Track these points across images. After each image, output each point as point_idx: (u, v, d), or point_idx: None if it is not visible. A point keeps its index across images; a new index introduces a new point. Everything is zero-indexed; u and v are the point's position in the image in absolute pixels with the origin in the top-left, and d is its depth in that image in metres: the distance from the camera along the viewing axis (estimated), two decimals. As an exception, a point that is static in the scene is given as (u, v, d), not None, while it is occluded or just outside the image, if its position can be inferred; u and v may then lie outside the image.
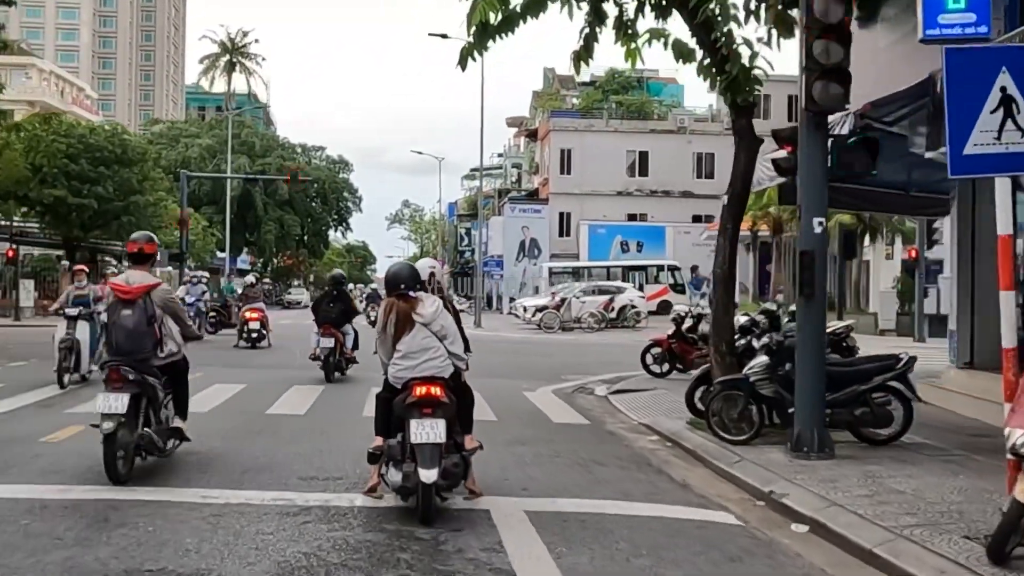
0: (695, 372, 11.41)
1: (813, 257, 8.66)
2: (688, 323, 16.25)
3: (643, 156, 58.04)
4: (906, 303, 33.07)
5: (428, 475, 6.24)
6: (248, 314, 22.86)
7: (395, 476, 6.47)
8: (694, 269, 52.65)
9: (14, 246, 37.25)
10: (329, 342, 15.26)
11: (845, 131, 8.98)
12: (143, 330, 7.59)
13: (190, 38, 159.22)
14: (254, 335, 22.54)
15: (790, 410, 9.01)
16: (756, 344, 10.25)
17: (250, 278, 27.47)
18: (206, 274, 30.78)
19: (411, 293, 6.67)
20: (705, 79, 10.54)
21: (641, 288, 44.21)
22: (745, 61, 10.05)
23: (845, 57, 8.40)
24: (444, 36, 42.39)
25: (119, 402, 7.32)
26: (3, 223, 42.06)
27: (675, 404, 12.54)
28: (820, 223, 8.68)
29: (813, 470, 8.08)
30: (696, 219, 55.75)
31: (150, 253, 8.11)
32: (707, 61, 10.14)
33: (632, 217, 57.81)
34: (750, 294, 45.71)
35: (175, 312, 7.99)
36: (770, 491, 7.49)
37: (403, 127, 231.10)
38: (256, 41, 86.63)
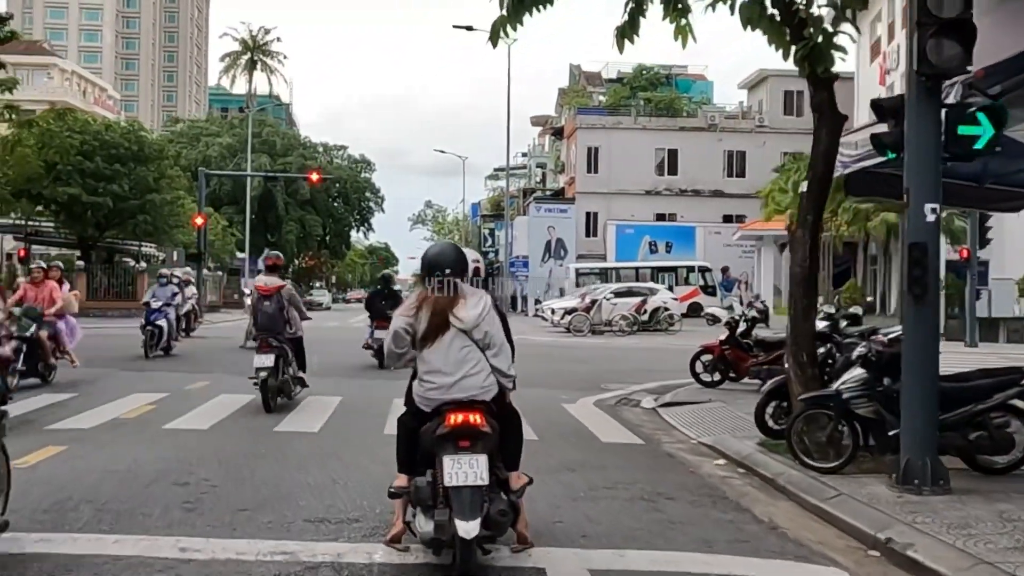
0: (765, 387, 9.92)
1: (925, 250, 7.19)
2: (742, 327, 14.74)
3: (672, 154, 56.46)
4: (953, 306, 31.42)
5: (468, 528, 4.82)
6: None
7: (425, 526, 5.04)
8: (725, 270, 51.49)
9: (25, 245, 36.13)
10: (382, 334, 14.66)
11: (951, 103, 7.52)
12: (277, 315, 11.65)
13: (213, 39, 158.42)
14: None
15: (891, 433, 7.56)
16: (839, 353, 8.84)
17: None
18: (182, 273, 27.88)
19: (457, 283, 5.17)
20: (778, 48, 9.07)
21: (670, 290, 42.69)
22: (827, 26, 8.64)
23: (967, 7, 6.93)
24: (469, 28, 41.41)
25: (268, 360, 11.15)
26: (18, 222, 41.11)
27: (737, 420, 11.10)
28: (933, 210, 7.21)
29: (932, 510, 6.60)
30: (727, 219, 54.23)
31: (279, 264, 12.45)
32: (783, 29, 8.69)
33: (661, 217, 56.22)
34: (783, 297, 44.09)
35: (296, 304, 12.02)
36: (887, 539, 6.03)
37: (424, 129, 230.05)
38: (278, 39, 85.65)
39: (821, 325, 9.26)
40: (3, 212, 40.44)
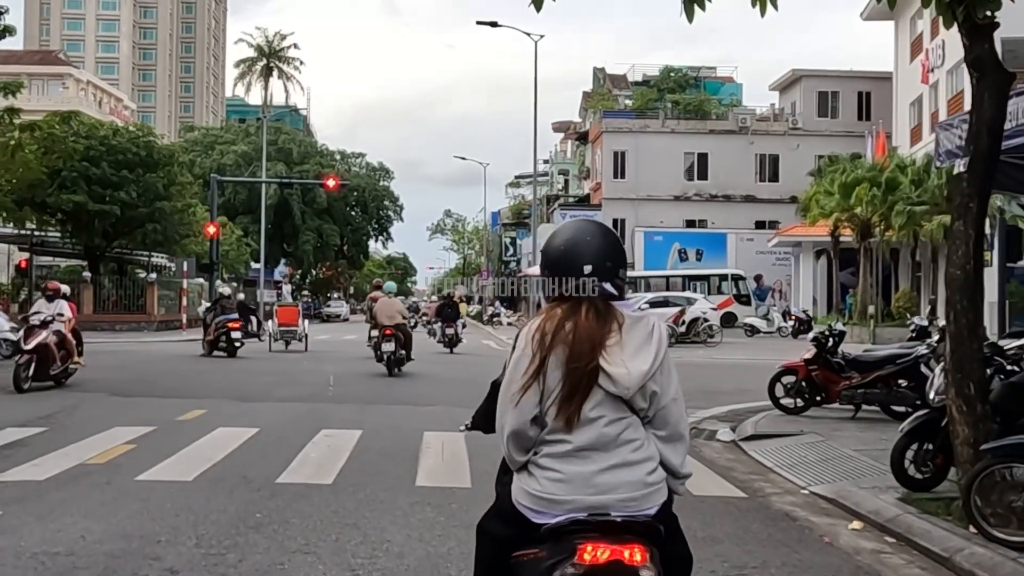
0: (905, 425, 7.74)
1: None
2: (829, 343, 12.56)
3: (702, 158, 54.29)
4: (1015, 316, 29.12)
5: None
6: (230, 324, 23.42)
7: None
8: (758, 278, 49.35)
9: (26, 256, 34.31)
10: (451, 329, 26.66)
11: None
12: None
13: (230, 49, 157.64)
14: (236, 344, 23.26)
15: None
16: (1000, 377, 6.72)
17: (225, 289, 28.84)
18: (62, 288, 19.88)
19: (610, 291, 2.81)
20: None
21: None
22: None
23: None
24: (494, 24, 39.48)
25: (393, 344, 18.46)
26: (23, 232, 39.33)
27: (848, 460, 8.99)
28: None
29: None
30: (759, 225, 52.12)
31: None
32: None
33: (691, 223, 54.02)
34: (820, 306, 41.85)
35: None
36: None
37: (442, 138, 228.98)
38: (295, 46, 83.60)
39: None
40: (7, 221, 38.68)
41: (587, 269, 2.79)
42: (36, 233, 40.10)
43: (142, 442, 9.66)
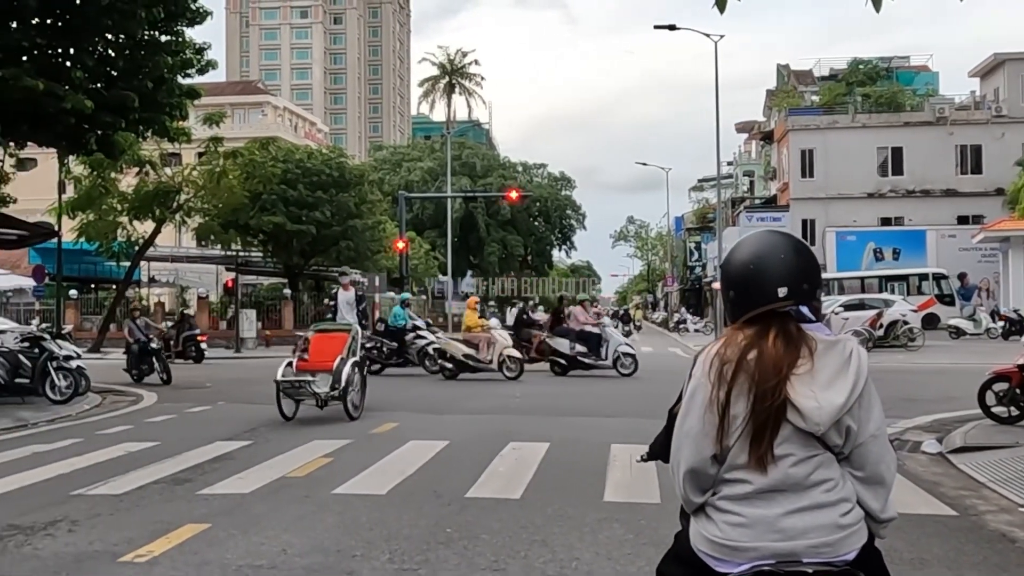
0: None
1: None
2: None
3: (896, 152, 51.70)
4: None
5: None
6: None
7: None
8: (963, 277, 46.51)
9: (232, 276, 36.48)
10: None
11: None
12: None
13: (414, 69, 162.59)
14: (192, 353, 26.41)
15: None
16: None
17: (190, 309, 32.85)
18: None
19: (807, 315, 2.55)
20: None
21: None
22: None
23: None
24: (672, 27, 38.94)
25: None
26: (228, 253, 41.85)
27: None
28: None
29: None
30: (961, 220, 49.15)
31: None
32: None
33: (886, 221, 51.52)
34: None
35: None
36: None
37: (620, 145, 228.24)
38: (476, 62, 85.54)
39: None
40: (214, 243, 41.25)
41: (782, 292, 2.47)
42: (240, 254, 42.61)
43: (338, 455, 10.00)
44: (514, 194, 47.56)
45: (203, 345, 27.11)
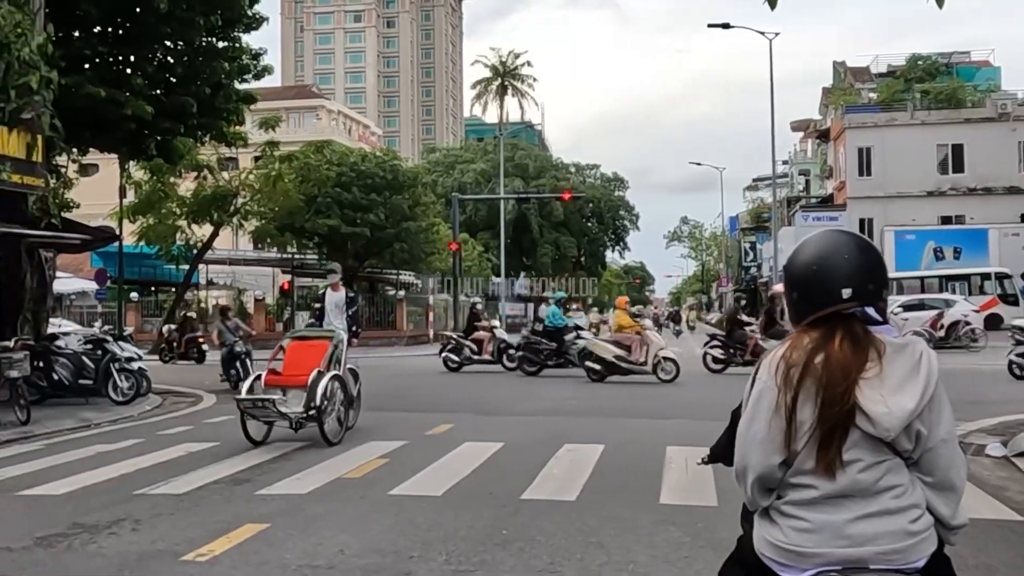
0: None
1: None
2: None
3: (956, 150, 50.71)
4: None
5: None
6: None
7: None
8: (1027, 276, 45.53)
9: (288, 278, 36.97)
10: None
11: None
12: None
13: (466, 71, 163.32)
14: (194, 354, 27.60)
15: None
16: None
17: (192, 313, 32.17)
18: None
19: (873, 316, 2.45)
20: None
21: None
22: None
23: None
24: (726, 25, 38.69)
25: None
26: (284, 256, 42.37)
27: None
28: None
29: None
30: (1025, 218, 48.13)
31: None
32: None
33: (946, 220, 50.56)
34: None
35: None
36: None
37: (672, 145, 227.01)
38: (528, 64, 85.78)
39: None
40: (270, 246, 41.78)
41: (846, 293, 2.42)
42: (296, 256, 43.10)
43: (394, 456, 10.07)
44: (567, 195, 47.48)
45: (204, 347, 27.73)
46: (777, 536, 2.42)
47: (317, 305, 14.68)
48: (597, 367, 19.78)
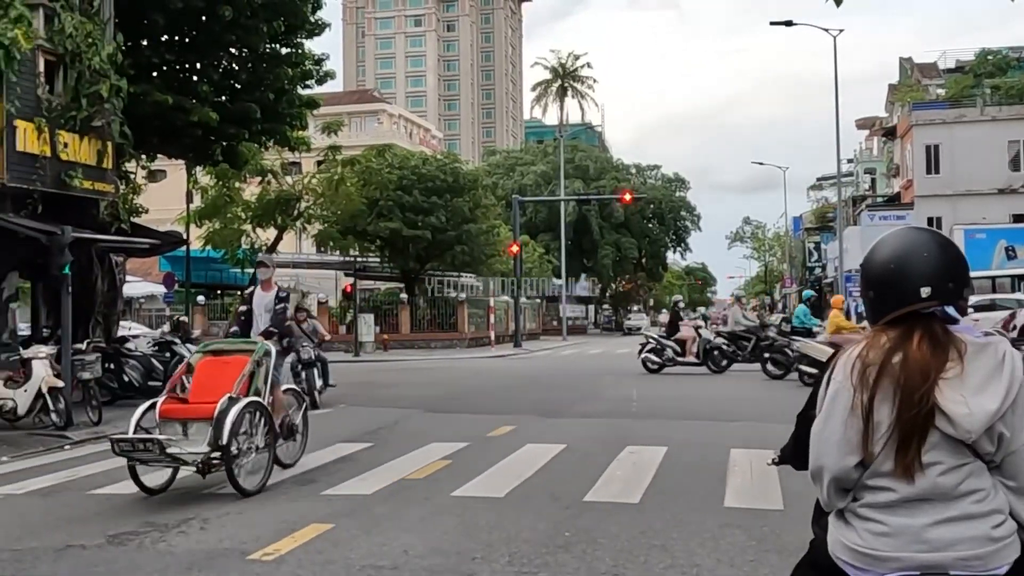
0: None
1: None
2: None
3: (1029, 146, 49.51)
4: None
5: None
6: None
7: None
8: (1102, 275, 44.22)
9: (351, 281, 37.35)
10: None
11: None
12: None
13: (526, 73, 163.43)
14: None
15: None
16: None
17: (184, 317, 28.12)
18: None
19: (952, 315, 2.36)
20: None
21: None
22: None
23: None
24: (789, 23, 38.17)
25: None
26: (347, 259, 42.83)
27: None
28: None
29: None
30: (1100, 216, 46.76)
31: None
32: None
33: (1018, 218, 49.30)
34: None
35: None
36: None
37: (734, 144, 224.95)
38: (588, 65, 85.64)
39: None
40: (333, 249, 42.24)
41: (925, 292, 2.34)
42: (358, 259, 43.51)
43: (456, 458, 10.11)
44: (628, 196, 47.33)
45: None
46: (853, 539, 2.35)
47: (243, 308, 11.14)
48: (812, 371, 17.84)
